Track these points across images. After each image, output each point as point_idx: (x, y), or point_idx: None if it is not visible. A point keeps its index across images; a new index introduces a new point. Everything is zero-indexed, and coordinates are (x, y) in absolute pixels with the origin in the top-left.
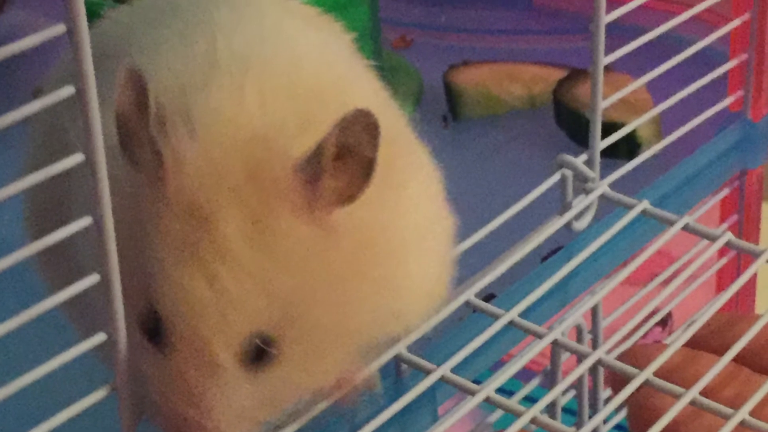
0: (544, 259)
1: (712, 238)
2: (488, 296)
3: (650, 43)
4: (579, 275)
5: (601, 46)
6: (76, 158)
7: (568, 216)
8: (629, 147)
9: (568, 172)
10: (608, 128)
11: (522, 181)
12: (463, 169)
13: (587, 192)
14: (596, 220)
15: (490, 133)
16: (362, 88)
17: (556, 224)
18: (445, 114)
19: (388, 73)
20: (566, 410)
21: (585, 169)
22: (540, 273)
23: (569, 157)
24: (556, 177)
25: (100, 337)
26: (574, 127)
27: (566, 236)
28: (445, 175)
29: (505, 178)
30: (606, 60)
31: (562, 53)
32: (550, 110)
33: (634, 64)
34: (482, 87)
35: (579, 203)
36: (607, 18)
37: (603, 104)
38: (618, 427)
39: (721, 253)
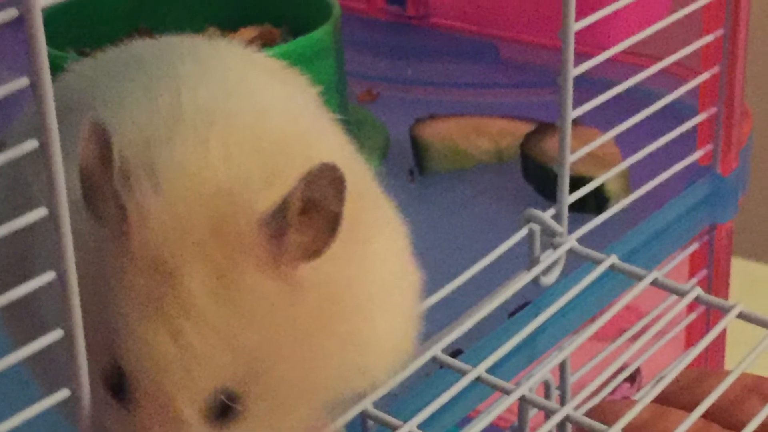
0: (512, 314)
1: (681, 294)
2: (455, 352)
3: (619, 96)
4: (547, 331)
5: (569, 100)
6: (39, 212)
7: (535, 271)
8: (597, 201)
9: (536, 227)
10: (576, 182)
11: (489, 235)
12: (430, 224)
13: (555, 246)
14: (564, 275)
15: (457, 188)
16: (328, 141)
17: (523, 279)
18: (412, 168)
19: (354, 126)
20: None
21: (552, 223)
22: (507, 328)
23: (537, 212)
24: (523, 232)
25: (63, 393)
26: (542, 181)
27: (534, 291)
28: (412, 230)
29: (473, 232)
30: (574, 114)
31: (529, 107)
32: (518, 164)
33: (602, 118)
34: (449, 141)
35: (547, 258)
36: (575, 71)
37: (571, 158)
38: None
39: (691, 308)
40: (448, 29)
